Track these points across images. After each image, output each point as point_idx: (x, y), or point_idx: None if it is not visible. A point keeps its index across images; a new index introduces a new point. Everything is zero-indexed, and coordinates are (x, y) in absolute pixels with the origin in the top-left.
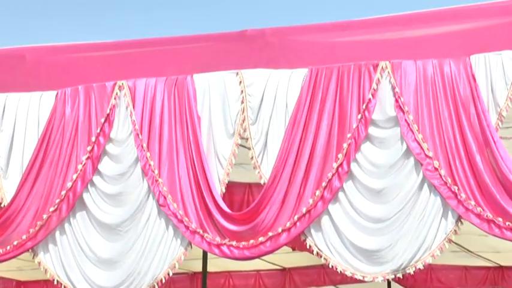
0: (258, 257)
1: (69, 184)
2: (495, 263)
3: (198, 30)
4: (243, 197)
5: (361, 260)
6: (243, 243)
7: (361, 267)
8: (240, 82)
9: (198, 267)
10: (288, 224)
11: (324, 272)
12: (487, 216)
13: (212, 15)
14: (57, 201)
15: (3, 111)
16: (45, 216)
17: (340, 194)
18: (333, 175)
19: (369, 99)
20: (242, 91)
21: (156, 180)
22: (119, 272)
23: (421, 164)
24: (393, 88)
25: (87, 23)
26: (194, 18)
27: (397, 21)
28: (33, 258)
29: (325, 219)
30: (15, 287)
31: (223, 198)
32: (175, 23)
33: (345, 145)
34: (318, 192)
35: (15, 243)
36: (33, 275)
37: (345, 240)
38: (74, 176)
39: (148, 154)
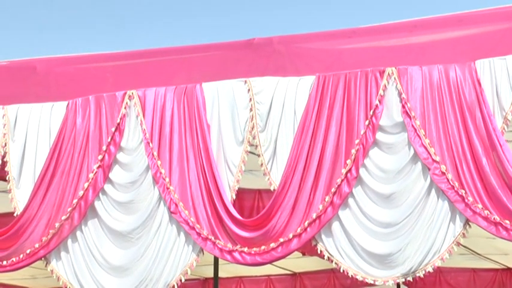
0: (270, 262)
1: (80, 193)
2: (503, 265)
3: (206, 40)
4: (253, 203)
5: (371, 264)
6: (255, 249)
7: (371, 271)
8: (249, 90)
9: (210, 273)
10: (298, 230)
11: (334, 276)
12: (494, 219)
13: (219, 25)
14: (69, 209)
15: (15, 122)
16: (57, 225)
17: (350, 199)
18: (342, 181)
19: (376, 105)
20: (251, 99)
21: (167, 188)
22: (131, 278)
23: (429, 169)
24: (400, 94)
25: (96, 35)
26: (201, 28)
27: (402, 28)
28: (45, 266)
29: (335, 225)
30: None
31: (234, 205)
32: (184, 33)
33: (353, 151)
34: (327, 198)
35: (28, 251)
36: (47, 283)
37: (355, 245)
38: (86, 185)
39: (159, 162)
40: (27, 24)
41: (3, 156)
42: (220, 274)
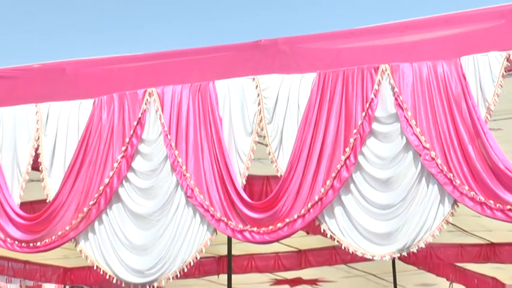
0: (277, 240)
1: (106, 180)
2: (487, 240)
3: (217, 42)
4: (262, 188)
5: (370, 241)
6: (263, 229)
7: (370, 248)
8: (257, 86)
9: (224, 251)
10: (302, 211)
11: (336, 252)
12: (479, 199)
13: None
14: (96, 195)
15: (47, 118)
16: (85, 209)
17: (350, 184)
18: (342, 166)
19: (372, 99)
20: (258, 94)
21: (184, 175)
22: (151, 256)
23: (420, 155)
24: (393, 88)
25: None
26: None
27: (394, 29)
28: (75, 246)
29: (337, 206)
30: (62, 273)
31: (244, 190)
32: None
33: (351, 140)
34: (328, 182)
35: (59, 233)
36: (78, 262)
37: (355, 225)
38: (111, 173)
39: (176, 152)
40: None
41: (37, 149)
42: (233, 252)
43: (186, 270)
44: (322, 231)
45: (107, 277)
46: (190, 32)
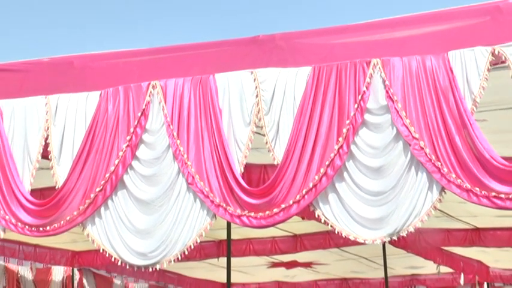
0: (273, 225)
1: (112, 168)
2: (473, 225)
3: (217, 37)
4: (259, 176)
5: (362, 226)
6: (260, 214)
7: (362, 232)
8: (255, 79)
9: (223, 236)
10: (297, 197)
11: (329, 237)
12: (466, 186)
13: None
14: (102, 182)
15: (56, 109)
16: (92, 195)
17: (343, 171)
18: (335, 155)
19: (364, 91)
20: (256, 87)
21: (185, 163)
22: (154, 240)
23: (409, 144)
24: (384, 81)
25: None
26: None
27: (385, 25)
28: (82, 231)
29: (331, 193)
30: (70, 256)
31: (243, 177)
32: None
33: (344, 130)
34: (322, 170)
35: (67, 218)
36: (85, 246)
37: (348, 210)
38: (116, 161)
39: (178, 141)
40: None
41: (46, 138)
42: (232, 236)
43: (187, 253)
44: (316, 216)
45: (113, 260)
46: (191, 28)
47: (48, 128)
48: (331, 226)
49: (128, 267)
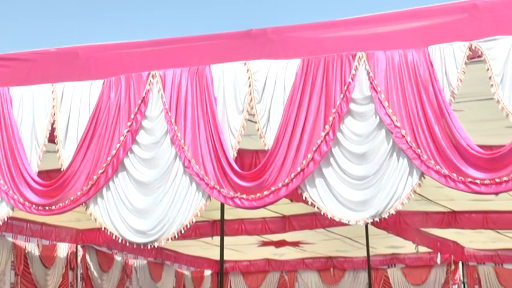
0: (264, 206)
1: (113, 152)
2: (449, 208)
3: (213, 30)
4: (251, 161)
5: (347, 208)
6: (252, 196)
7: (346, 214)
8: (248, 70)
9: (217, 216)
10: (286, 180)
11: (316, 218)
12: (444, 172)
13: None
14: (104, 165)
15: (62, 96)
16: (95, 177)
17: (329, 157)
18: (322, 141)
19: (349, 82)
20: (249, 77)
21: (182, 148)
22: (152, 219)
23: (392, 133)
24: (368, 73)
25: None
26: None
27: (370, 21)
28: (86, 210)
29: (317, 177)
30: (74, 234)
31: (236, 161)
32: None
33: (330, 118)
34: (309, 155)
35: (72, 198)
36: (88, 225)
37: (334, 193)
38: (117, 146)
39: (175, 127)
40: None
41: (53, 123)
42: (226, 217)
43: (183, 232)
44: (304, 198)
45: (114, 237)
46: (189, 21)
47: (54, 114)
48: (317, 208)
49: (128, 244)
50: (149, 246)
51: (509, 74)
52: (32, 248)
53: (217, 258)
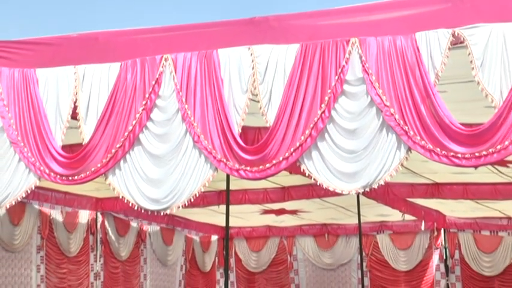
0: (265, 178)
1: (130, 128)
2: (433, 180)
3: (220, 18)
4: (254, 137)
5: (340, 179)
6: (255, 168)
7: (340, 184)
8: (251, 54)
9: (223, 186)
10: (286, 154)
11: (312, 188)
12: (428, 147)
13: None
14: (122, 139)
15: (83, 77)
16: (113, 151)
17: (324, 133)
18: (318, 119)
19: (343, 65)
20: (253, 60)
21: (192, 124)
22: (164, 188)
23: (381, 111)
24: (360, 57)
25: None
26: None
27: (363, 9)
28: (105, 180)
29: (314, 151)
30: (94, 202)
31: (240, 137)
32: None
33: (326, 98)
34: (307, 131)
35: (92, 169)
36: (107, 193)
37: (328, 166)
38: (134, 122)
39: (186, 106)
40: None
41: (75, 102)
42: (231, 187)
43: (192, 200)
44: (301, 171)
45: (130, 205)
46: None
47: (76, 93)
48: (314, 179)
49: (142, 211)
50: (162, 213)
51: (489, 58)
52: (56, 214)
53: (223, 224)
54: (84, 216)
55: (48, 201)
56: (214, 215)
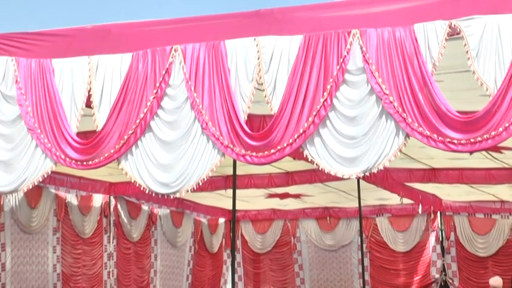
0: (270, 163)
1: (141, 115)
2: (430, 165)
3: (227, 10)
4: (259, 124)
5: (341, 164)
6: (260, 153)
7: (341, 169)
8: (257, 45)
9: (230, 171)
10: (290, 140)
11: (315, 173)
12: (426, 133)
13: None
14: (134, 126)
15: (97, 67)
16: (125, 137)
17: (326, 120)
18: (321, 107)
19: (345, 55)
20: (258, 51)
21: (200, 112)
22: (174, 173)
23: (381, 99)
24: (361, 47)
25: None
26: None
27: (364, 2)
28: (118, 165)
29: (316, 137)
30: (108, 186)
31: (246, 124)
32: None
33: (328, 86)
34: (310, 119)
35: (106, 155)
36: (120, 178)
37: (330, 152)
38: (145, 110)
39: (195, 94)
40: None
41: (89, 91)
42: (237, 172)
43: (200, 184)
44: (304, 156)
45: (142, 189)
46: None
47: (90, 83)
48: (316, 164)
49: (153, 195)
50: (171, 197)
51: (484, 49)
52: (72, 198)
53: (230, 208)
54: (97, 199)
55: (64, 186)
56: (221, 199)
